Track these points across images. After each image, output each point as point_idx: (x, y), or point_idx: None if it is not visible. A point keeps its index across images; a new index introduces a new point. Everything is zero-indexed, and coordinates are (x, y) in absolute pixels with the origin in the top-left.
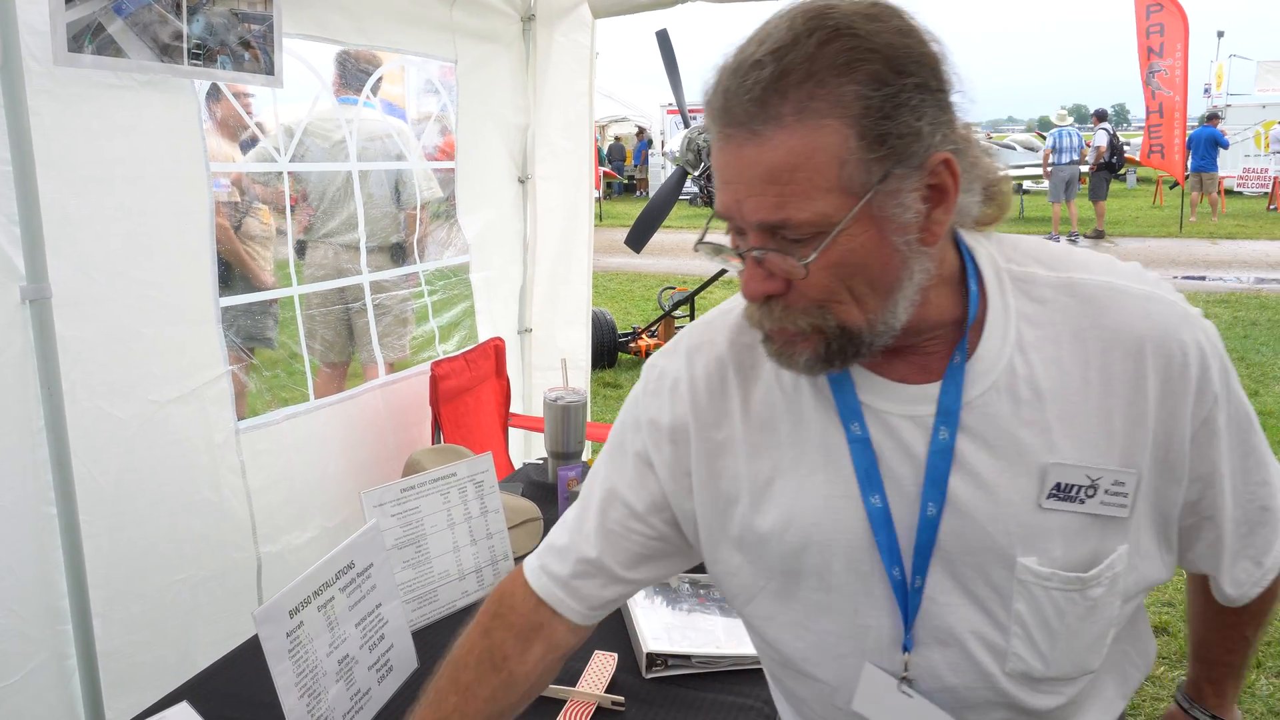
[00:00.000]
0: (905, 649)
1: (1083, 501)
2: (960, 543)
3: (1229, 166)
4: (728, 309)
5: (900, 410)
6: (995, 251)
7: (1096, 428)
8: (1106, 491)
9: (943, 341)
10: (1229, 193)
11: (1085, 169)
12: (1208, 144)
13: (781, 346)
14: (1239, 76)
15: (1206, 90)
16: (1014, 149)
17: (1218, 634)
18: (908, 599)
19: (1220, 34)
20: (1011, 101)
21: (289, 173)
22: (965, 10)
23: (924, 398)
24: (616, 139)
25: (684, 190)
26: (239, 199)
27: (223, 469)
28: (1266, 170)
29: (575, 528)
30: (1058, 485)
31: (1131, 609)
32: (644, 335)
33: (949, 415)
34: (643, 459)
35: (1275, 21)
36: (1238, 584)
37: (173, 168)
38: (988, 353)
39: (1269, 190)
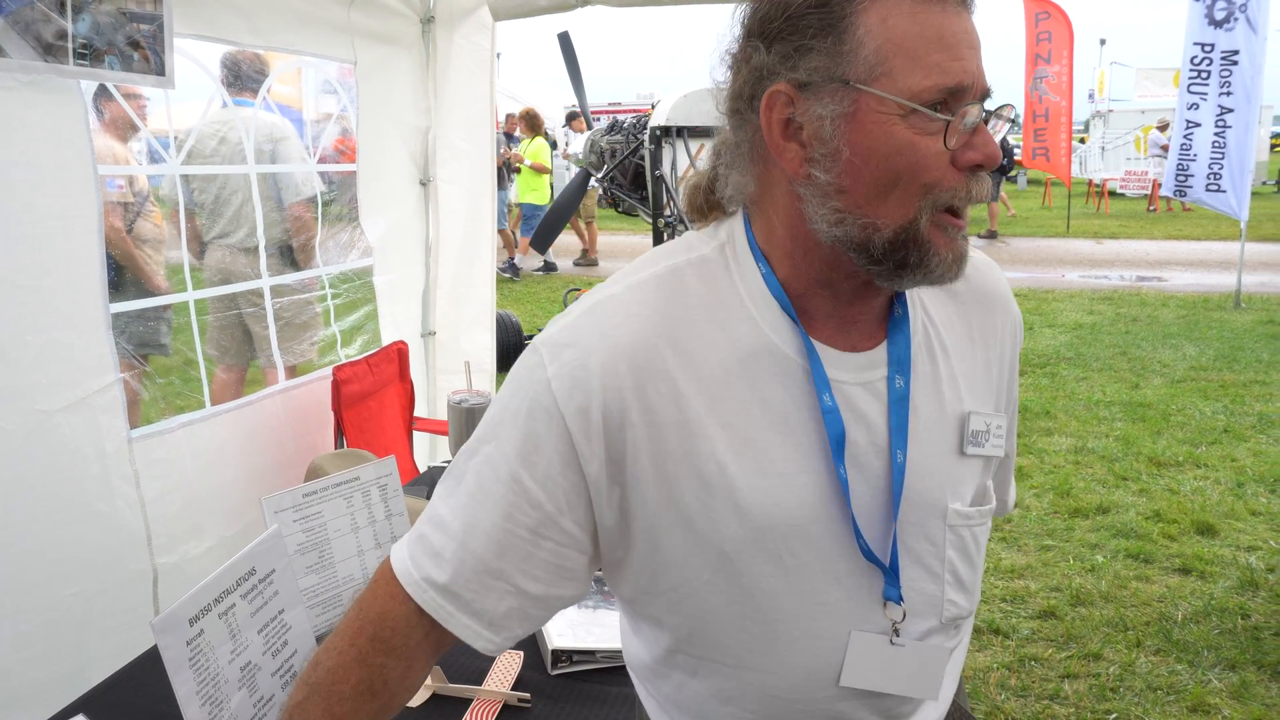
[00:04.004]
0: (897, 600)
1: (983, 445)
2: (912, 497)
3: (1112, 169)
4: (639, 282)
5: (854, 378)
6: None
7: (982, 378)
8: (994, 434)
9: (874, 307)
10: (1112, 194)
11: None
12: None
13: (962, 245)
14: (1120, 83)
15: (1090, 96)
16: None
17: None
18: (894, 549)
19: (1102, 42)
20: None
21: (181, 175)
22: None
23: (871, 363)
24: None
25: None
26: (131, 200)
27: (115, 479)
28: (1146, 173)
29: (465, 530)
30: (973, 432)
31: None
32: None
33: (902, 364)
34: (563, 455)
35: (1154, 30)
36: (1012, 494)
37: (58, 170)
38: (908, 314)
39: (1149, 192)
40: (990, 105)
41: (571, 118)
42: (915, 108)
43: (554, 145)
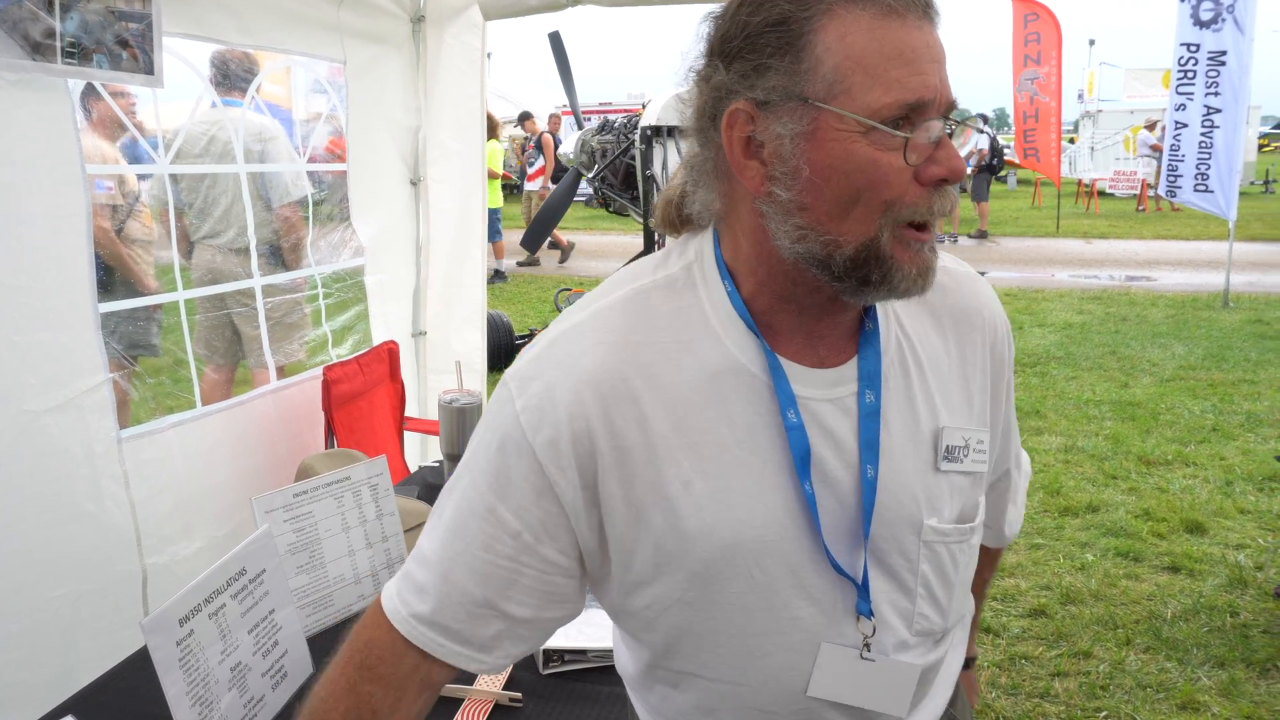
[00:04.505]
0: (868, 615)
1: (961, 461)
2: (884, 513)
3: (1101, 169)
4: (604, 308)
5: (823, 394)
6: None
7: (960, 394)
8: (975, 450)
9: (843, 322)
10: (1101, 194)
11: (967, 171)
12: None
13: (927, 258)
14: (1109, 83)
15: (1080, 96)
16: None
17: None
18: (865, 563)
19: (1091, 42)
20: None
21: (170, 175)
22: None
23: (840, 379)
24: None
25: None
26: (121, 201)
27: (104, 479)
28: (1135, 173)
29: (446, 564)
30: (948, 448)
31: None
32: None
33: (872, 379)
34: (536, 486)
35: (1142, 31)
36: (1011, 524)
37: (46, 169)
38: (881, 328)
39: (1137, 192)
40: (959, 115)
41: (524, 118)
42: (874, 125)
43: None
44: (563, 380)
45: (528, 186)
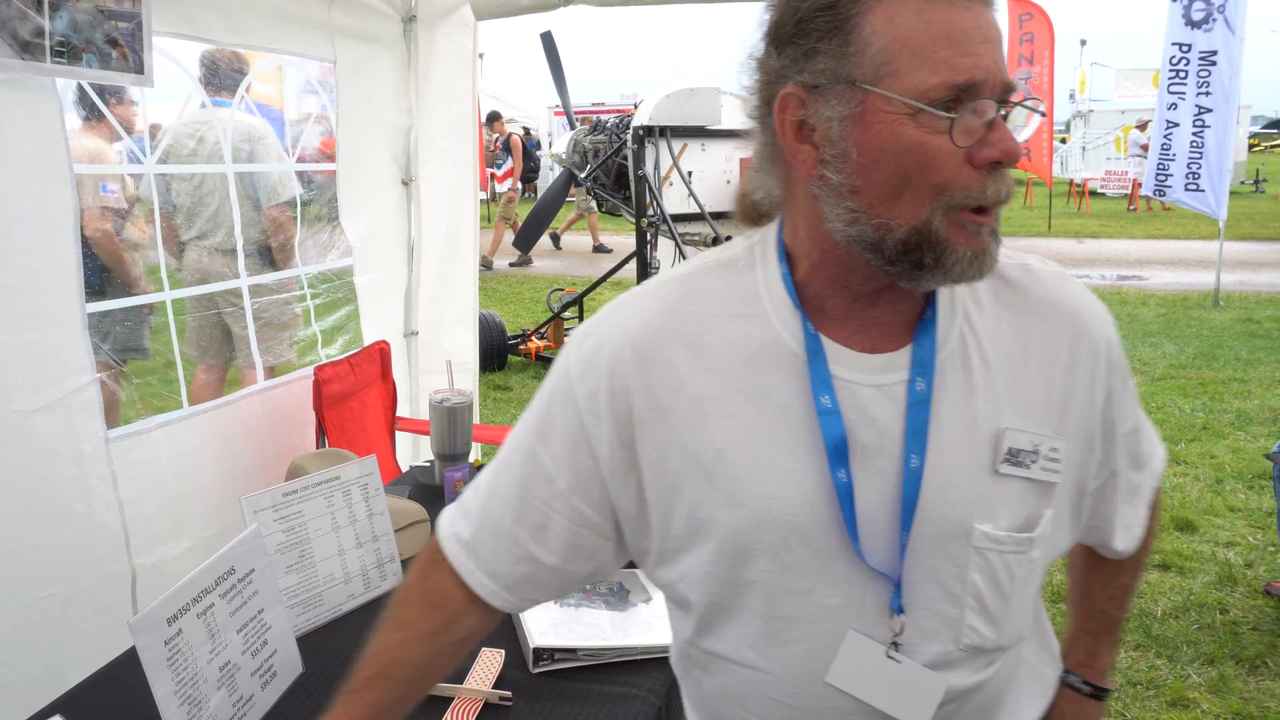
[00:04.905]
0: (898, 611)
1: (1028, 467)
2: (930, 510)
3: (1092, 169)
4: (665, 280)
5: (869, 380)
6: None
7: (1036, 396)
8: (1046, 458)
9: (902, 310)
10: (1093, 194)
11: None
12: None
13: (985, 241)
14: (1100, 83)
15: (1071, 96)
16: None
17: (1100, 584)
18: (901, 557)
19: (1083, 42)
20: None
21: (156, 174)
22: None
23: (890, 366)
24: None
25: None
26: (124, 205)
27: (92, 479)
28: (1126, 172)
29: (489, 493)
30: (1010, 451)
31: (1042, 579)
32: (533, 337)
33: (925, 367)
34: (574, 436)
35: (1133, 31)
36: (1128, 528)
37: (34, 169)
38: (942, 319)
39: (1128, 191)
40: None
41: (492, 119)
42: (921, 107)
43: (536, 145)
44: (611, 337)
45: (497, 188)
